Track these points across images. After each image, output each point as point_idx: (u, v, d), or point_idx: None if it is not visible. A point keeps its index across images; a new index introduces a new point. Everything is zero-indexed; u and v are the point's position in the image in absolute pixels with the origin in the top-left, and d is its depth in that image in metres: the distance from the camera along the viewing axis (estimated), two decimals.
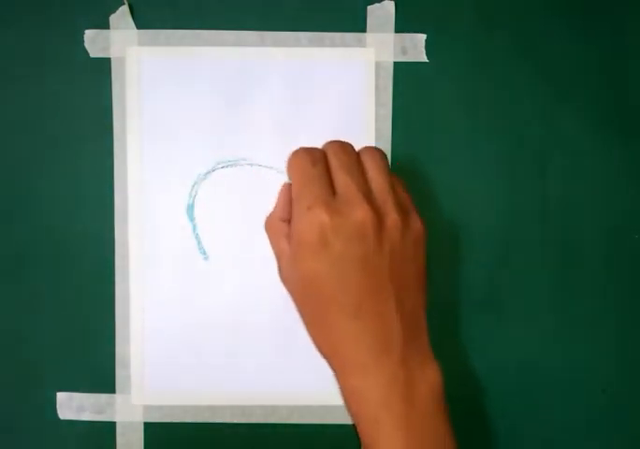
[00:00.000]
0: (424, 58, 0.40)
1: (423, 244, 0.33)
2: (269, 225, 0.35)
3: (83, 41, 0.40)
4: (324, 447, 0.41)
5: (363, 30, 0.40)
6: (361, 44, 0.40)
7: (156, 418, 0.41)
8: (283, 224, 0.34)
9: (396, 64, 0.40)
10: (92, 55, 0.40)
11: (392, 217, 0.32)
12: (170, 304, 0.41)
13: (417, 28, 0.40)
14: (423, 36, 0.40)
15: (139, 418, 0.41)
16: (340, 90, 0.40)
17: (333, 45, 0.40)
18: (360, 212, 0.31)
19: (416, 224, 0.33)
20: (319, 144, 0.40)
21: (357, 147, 0.34)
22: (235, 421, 0.41)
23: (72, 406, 0.41)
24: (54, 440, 0.41)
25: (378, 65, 0.40)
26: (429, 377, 0.32)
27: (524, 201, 0.41)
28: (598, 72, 0.40)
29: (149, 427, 0.41)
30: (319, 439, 0.41)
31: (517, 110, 0.41)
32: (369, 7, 0.40)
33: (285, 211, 0.34)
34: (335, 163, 0.33)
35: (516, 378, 0.41)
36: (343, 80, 0.40)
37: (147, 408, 0.41)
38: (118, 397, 0.41)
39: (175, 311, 0.41)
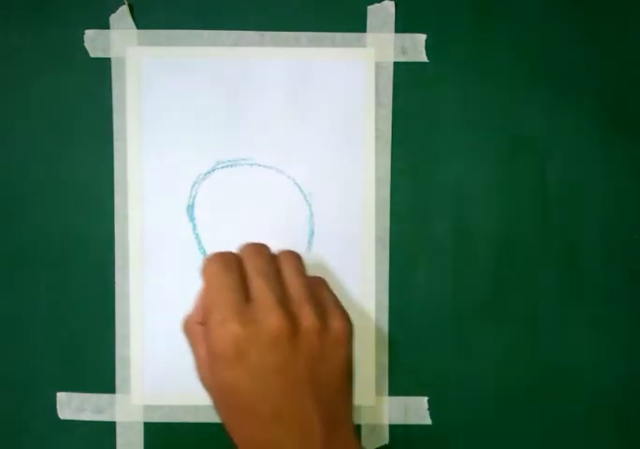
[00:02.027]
0: (424, 58, 0.40)
1: (345, 342, 0.33)
2: (187, 328, 0.34)
3: (83, 41, 0.40)
4: None
5: (363, 30, 0.40)
6: (361, 44, 0.40)
7: (156, 418, 0.41)
8: (200, 328, 0.34)
9: (396, 64, 0.40)
10: (92, 55, 0.40)
11: (308, 321, 0.31)
12: (170, 304, 0.41)
13: (417, 28, 0.40)
14: (423, 36, 0.40)
15: (139, 418, 0.41)
16: (340, 90, 0.40)
17: (333, 45, 0.40)
18: (274, 320, 0.31)
19: (337, 323, 0.32)
20: (319, 144, 0.40)
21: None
22: None
23: (72, 406, 0.41)
24: (54, 440, 0.41)
25: (378, 65, 0.40)
26: None
27: (524, 201, 0.41)
28: (598, 72, 0.40)
29: (149, 427, 0.41)
30: None
31: (517, 110, 0.41)
32: (369, 7, 0.40)
33: (202, 315, 0.34)
34: (250, 267, 0.33)
35: (517, 378, 0.41)
36: (343, 80, 0.40)
37: (147, 408, 0.41)
38: (118, 397, 0.41)
39: (175, 310, 0.41)
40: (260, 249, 0.34)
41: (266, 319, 0.31)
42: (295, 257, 0.34)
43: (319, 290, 0.34)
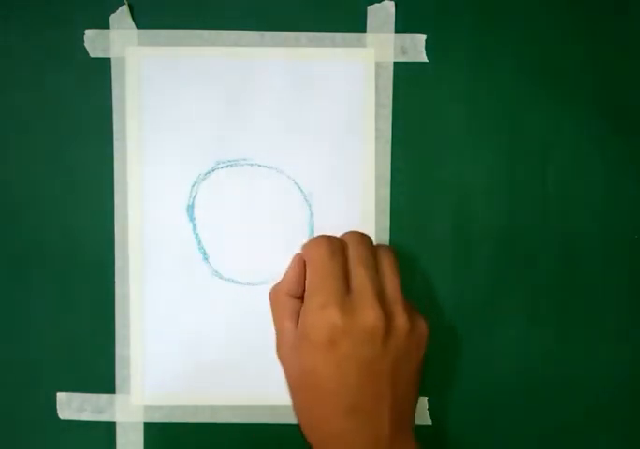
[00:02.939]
0: (424, 58, 0.40)
1: (424, 346, 0.34)
2: (275, 298, 0.35)
3: (83, 41, 0.40)
4: None
5: (363, 30, 0.40)
6: (361, 44, 0.40)
7: (156, 418, 0.41)
8: (289, 300, 0.34)
9: (396, 64, 0.40)
10: (92, 55, 0.40)
11: (401, 320, 0.32)
12: (170, 304, 0.41)
13: (417, 28, 0.40)
14: (423, 36, 0.40)
15: (139, 418, 0.41)
16: (340, 90, 0.40)
17: (333, 45, 0.40)
18: (372, 316, 0.31)
19: (422, 327, 0.34)
20: (319, 144, 0.40)
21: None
22: (235, 421, 0.41)
23: (72, 406, 0.41)
24: (54, 440, 0.41)
25: (378, 65, 0.40)
26: None
27: (524, 201, 0.41)
28: (599, 72, 0.40)
29: (149, 427, 0.41)
30: None
31: (517, 110, 0.41)
32: (369, 7, 0.40)
33: (294, 287, 0.34)
34: (354, 256, 0.33)
35: (517, 378, 0.41)
36: (343, 80, 0.40)
37: (147, 408, 0.41)
38: (118, 397, 0.41)
39: (175, 310, 0.41)
40: (364, 238, 0.35)
41: (364, 312, 0.31)
42: (392, 253, 0.35)
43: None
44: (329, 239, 0.34)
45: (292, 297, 0.34)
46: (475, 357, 0.41)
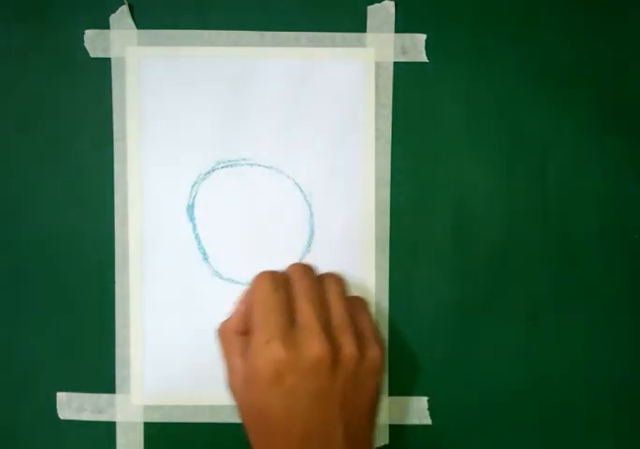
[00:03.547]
0: (424, 58, 0.40)
1: (378, 372, 0.34)
2: (223, 336, 0.35)
3: (83, 41, 0.40)
4: None
5: (363, 30, 0.40)
6: (361, 44, 0.40)
7: (156, 418, 0.41)
8: (236, 337, 0.34)
9: (396, 64, 0.40)
10: (92, 55, 0.40)
11: (348, 350, 0.32)
12: (170, 304, 0.41)
13: (417, 28, 0.40)
14: (423, 36, 0.40)
15: (139, 418, 0.41)
16: (340, 90, 0.40)
17: (333, 45, 0.40)
18: (316, 347, 0.31)
19: (373, 353, 0.34)
20: (319, 144, 0.40)
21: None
22: (235, 421, 0.41)
23: (72, 406, 0.41)
24: (54, 440, 0.41)
25: (378, 65, 0.40)
26: None
27: (524, 201, 0.41)
28: (598, 72, 0.40)
29: (149, 427, 0.41)
30: None
31: (518, 110, 0.41)
32: (369, 7, 0.40)
33: (241, 324, 0.34)
34: (297, 288, 0.34)
35: (517, 378, 0.41)
36: (343, 80, 0.40)
37: (147, 408, 0.41)
38: (118, 397, 0.41)
39: (175, 310, 0.41)
40: (307, 270, 0.35)
41: (309, 345, 0.32)
42: (339, 281, 0.35)
43: (358, 314, 0.35)
44: (272, 274, 0.34)
45: (239, 334, 0.34)
46: (475, 357, 0.41)
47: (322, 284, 0.35)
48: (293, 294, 0.34)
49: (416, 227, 0.41)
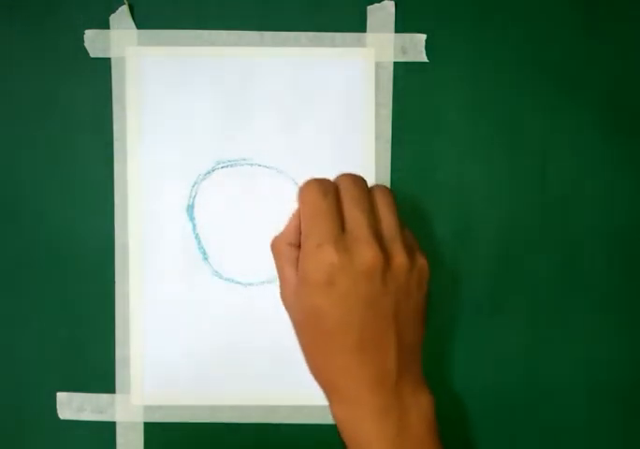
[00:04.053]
0: (424, 58, 0.40)
1: (426, 282, 0.34)
2: (276, 248, 0.35)
3: (83, 41, 0.40)
4: (323, 447, 0.41)
5: (363, 30, 0.40)
6: (361, 44, 0.40)
7: (156, 418, 0.41)
8: (290, 249, 0.34)
9: (396, 64, 0.40)
10: (92, 55, 0.40)
11: (399, 258, 0.32)
12: (170, 304, 0.41)
13: (417, 28, 0.40)
14: (423, 36, 0.40)
15: (139, 418, 0.41)
16: (340, 90, 0.40)
17: (333, 45, 0.40)
18: (369, 253, 0.31)
19: (421, 263, 0.33)
20: (319, 144, 0.40)
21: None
22: (235, 421, 0.41)
23: (72, 406, 0.41)
24: (54, 440, 0.41)
25: (378, 65, 0.40)
26: (422, 404, 0.33)
27: (525, 201, 0.41)
28: (598, 72, 0.40)
29: (149, 427, 0.41)
30: (319, 439, 0.41)
31: (518, 110, 0.41)
32: (369, 7, 0.40)
33: (293, 236, 0.34)
34: (347, 197, 0.33)
35: (517, 377, 0.41)
36: (343, 80, 0.40)
37: (147, 408, 0.41)
38: (118, 397, 0.41)
39: (175, 310, 0.41)
40: (357, 180, 0.34)
41: (361, 251, 0.31)
42: (389, 193, 0.34)
43: (404, 228, 0.34)
44: (320, 181, 0.33)
45: (292, 246, 0.34)
46: (476, 357, 0.41)
47: (371, 195, 0.34)
48: (343, 202, 0.33)
49: (416, 227, 0.41)
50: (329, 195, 0.32)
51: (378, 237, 0.32)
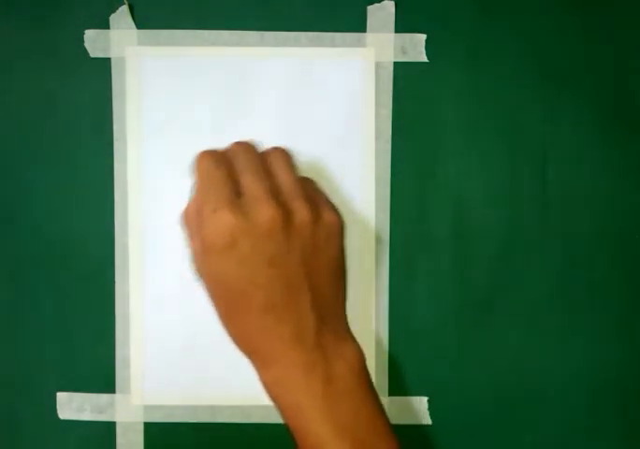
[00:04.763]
0: (424, 58, 0.40)
1: (337, 235, 0.33)
2: (184, 219, 0.34)
3: (83, 41, 0.40)
4: None
5: (363, 30, 0.40)
6: (361, 44, 0.40)
7: (156, 418, 0.41)
8: (196, 218, 0.33)
9: (396, 64, 0.40)
10: (92, 55, 0.40)
11: (301, 213, 0.31)
12: (170, 304, 0.41)
13: (417, 28, 0.40)
14: (423, 36, 0.40)
15: (139, 418, 0.41)
16: (340, 90, 0.40)
17: (333, 45, 0.40)
18: (267, 211, 0.31)
19: (329, 216, 0.32)
20: (319, 144, 0.40)
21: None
22: (235, 421, 0.41)
23: (72, 406, 0.41)
24: (54, 440, 0.41)
25: (378, 65, 0.40)
26: (347, 356, 0.32)
27: (524, 201, 0.41)
28: (598, 72, 0.40)
29: (149, 427, 0.41)
30: None
31: (518, 110, 0.41)
32: (369, 7, 0.40)
33: (197, 207, 0.33)
34: (239, 163, 0.33)
35: (517, 378, 0.41)
36: (343, 80, 0.40)
37: (147, 408, 0.41)
38: (118, 397, 0.41)
39: (175, 310, 0.41)
40: (249, 147, 0.34)
41: (258, 210, 0.31)
42: (284, 153, 0.34)
43: (309, 186, 0.34)
44: (211, 152, 0.33)
45: (200, 216, 0.33)
46: (475, 358, 0.41)
47: (267, 158, 0.34)
48: (236, 169, 0.33)
49: (416, 227, 0.41)
50: (222, 165, 0.32)
51: (275, 196, 0.31)
